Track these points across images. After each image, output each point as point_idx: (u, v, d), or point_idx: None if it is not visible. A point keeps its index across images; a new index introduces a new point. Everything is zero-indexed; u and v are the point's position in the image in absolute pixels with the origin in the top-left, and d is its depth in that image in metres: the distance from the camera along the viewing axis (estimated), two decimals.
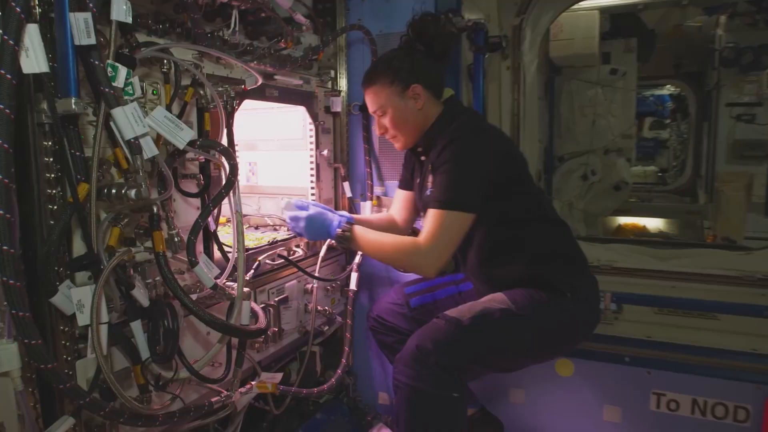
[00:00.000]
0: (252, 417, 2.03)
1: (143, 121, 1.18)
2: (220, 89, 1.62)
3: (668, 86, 6.55)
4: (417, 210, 2.06)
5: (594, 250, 2.79)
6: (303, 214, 1.81)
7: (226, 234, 2.21)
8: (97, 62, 1.10)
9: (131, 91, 1.20)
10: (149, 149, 1.20)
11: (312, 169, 2.22)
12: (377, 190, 2.37)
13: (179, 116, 1.41)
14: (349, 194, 2.32)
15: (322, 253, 2.11)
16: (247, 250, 1.84)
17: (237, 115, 2.41)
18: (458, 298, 2.08)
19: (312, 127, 2.19)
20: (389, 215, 2.13)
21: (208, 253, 1.64)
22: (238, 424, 1.82)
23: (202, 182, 1.55)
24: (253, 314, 1.61)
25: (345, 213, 1.94)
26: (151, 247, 1.31)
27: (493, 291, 1.80)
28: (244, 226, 2.36)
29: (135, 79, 1.21)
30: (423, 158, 1.89)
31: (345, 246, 1.80)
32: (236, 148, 2.47)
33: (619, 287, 2.33)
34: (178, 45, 1.38)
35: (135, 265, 1.37)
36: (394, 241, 1.75)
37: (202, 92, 1.50)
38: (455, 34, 2.07)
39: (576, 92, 3.89)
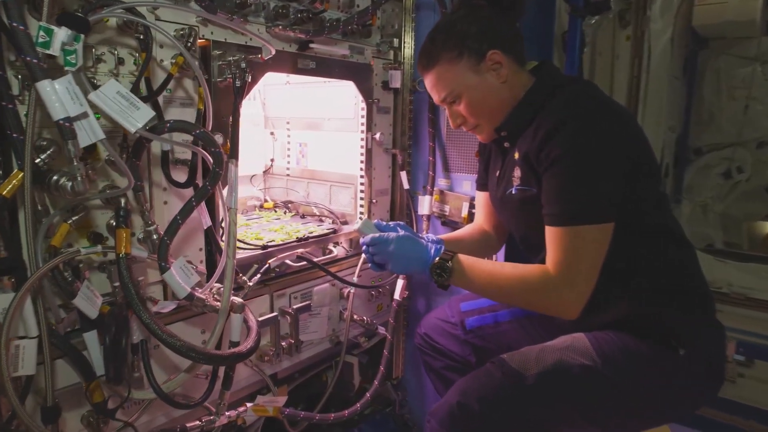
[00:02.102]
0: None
1: (81, 99, 0.96)
2: (230, 59, 1.37)
3: None
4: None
5: (724, 270, 2.18)
6: (392, 236, 1.34)
7: (266, 222, 2.01)
8: (15, 24, 0.89)
9: (74, 61, 0.97)
10: (92, 132, 0.98)
11: (362, 154, 1.91)
12: (442, 182, 2.00)
13: (158, 91, 1.18)
14: (406, 186, 1.98)
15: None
16: (266, 247, 1.60)
17: (286, 90, 2.20)
18: (526, 323, 1.66)
19: (364, 105, 1.87)
20: (479, 225, 1.68)
21: (211, 251, 1.42)
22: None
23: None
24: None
25: (431, 235, 1.49)
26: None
27: (574, 325, 1.37)
28: (290, 214, 2.14)
29: (79, 46, 0.98)
30: (506, 144, 1.43)
31: (443, 282, 1.30)
32: (288, 126, 2.27)
33: (752, 327, 1.75)
34: (146, 3, 1.13)
35: (102, 266, 1.19)
36: (514, 272, 1.26)
37: (196, 63, 1.26)
38: None
39: (725, 70, 3.10)
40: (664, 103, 2.48)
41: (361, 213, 1.96)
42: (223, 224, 1.46)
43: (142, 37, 1.14)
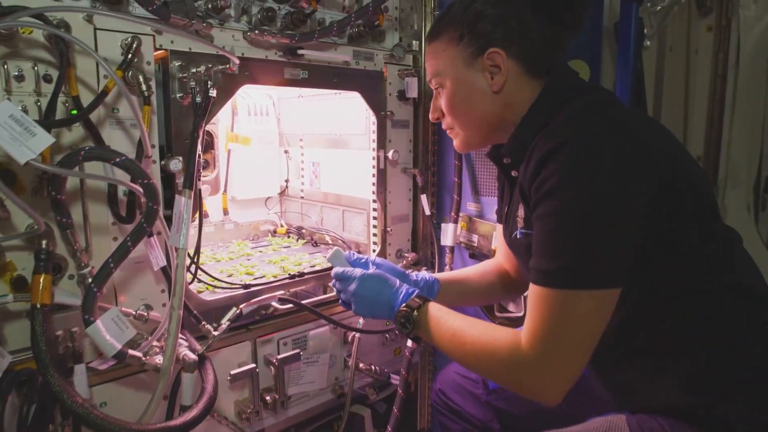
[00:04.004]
0: None
1: None
2: (194, 71, 1.19)
3: None
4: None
5: None
6: (356, 272, 1.14)
7: (272, 252, 1.81)
8: None
9: None
10: None
11: (373, 175, 1.65)
12: (470, 207, 1.70)
13: (87, 111, 1.00)
14: (427, 211, 1.71)
15: None
16: (248, 286, 1.39)
17: (299, 104, 1.99)
18: None
19: (374, 119, 1.62)
20: (497, 264, 1.36)
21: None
22: None
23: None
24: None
25: (425, 273, 1.28)
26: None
27: (619, 401, 1.06)
28: (302, 242, 1.93)
29: None
30: (513, 173, 1.11)
31: (408, 334, 1.06)
32: (301, 143, 2.07)
33: None
34: (63, 8, 0.95)
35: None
36: (482, 336, 0.95)
37: (140, 78, 1.08)
38: None
39: None
40: (761, 106, 2.02)
41: (375, 242, 1.71)
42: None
43: (56, 48, 0.96)
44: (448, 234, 1.68)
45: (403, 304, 1.06)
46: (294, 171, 2.06)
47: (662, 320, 0.92)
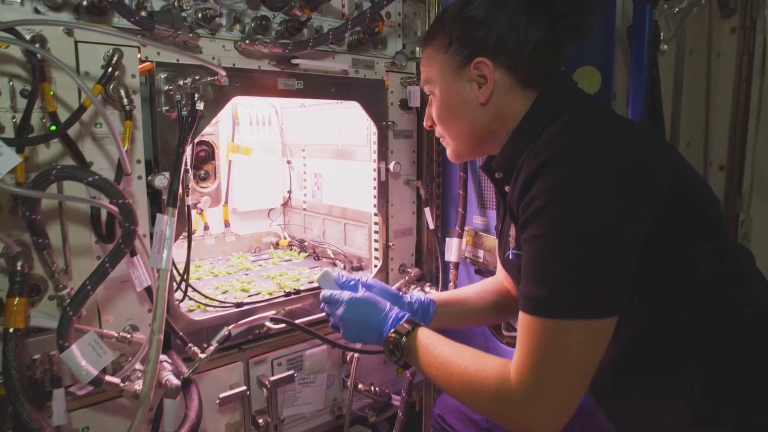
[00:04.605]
0: None
1: None
2: (180, 84, 1.14)
3: None
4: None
5: None
6: (344, 296, 1.08)
7: (272, 266, 1.77)
8: None
9: None
10: None
11: (374, 187, 1.59)
12: (476, 221, 1.63)
13: (65, 127, 0.97)
14: (431, 225, 1.64)
15: None
16: (240, 305, 1.34)
17: (301, 113, 1.95)
18: None
19: (375, 129, 1.56)
20: (497, 282, 1.28)
21: None
22: None
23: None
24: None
25: (420, 295, 1.22)
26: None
27: (618, 429, 0.99)
28: (303, 255, 1.88)
29: None
30: (507, 188, 1.00)
31: (397, 361, 0.99)
32: (303, 154, 2.02)
33: None
34: (34, 22, 0.91)
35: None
36: (470, 366, 0.87)
37: (122, 92, 1.04)
38: None
39: None
40: None
41: (376, 257, 1.65)
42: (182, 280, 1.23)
43: (30, 63, 0.93)
44: (453, 249, 1.61)
45: (392, 330, 0.99)
46: (296, 182, 2.01)
47: (664, 340, 0.85)
